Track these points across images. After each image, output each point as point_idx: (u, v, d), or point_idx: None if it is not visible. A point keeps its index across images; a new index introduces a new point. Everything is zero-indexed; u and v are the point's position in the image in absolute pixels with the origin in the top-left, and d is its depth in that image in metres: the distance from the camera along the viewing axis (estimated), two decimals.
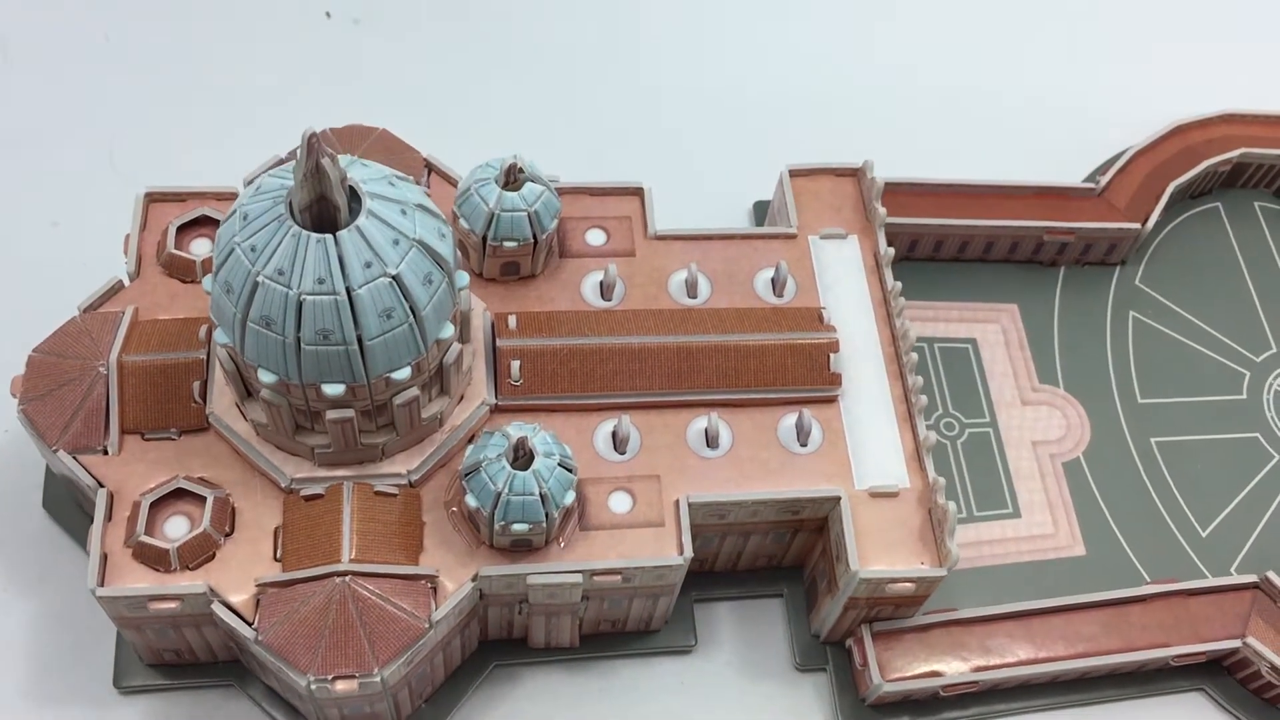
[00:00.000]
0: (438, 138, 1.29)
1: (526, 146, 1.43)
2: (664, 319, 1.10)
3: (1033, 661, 1.12)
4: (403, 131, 1.21)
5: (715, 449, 1.07)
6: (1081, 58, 1.64)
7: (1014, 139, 1.53)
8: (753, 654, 1.16)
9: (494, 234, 1.07)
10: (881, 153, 1.48)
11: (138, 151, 1.41)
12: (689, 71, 1.56)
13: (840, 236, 1.20)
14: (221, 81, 1.49)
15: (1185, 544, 1.25)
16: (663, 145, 1.48)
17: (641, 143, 1.48)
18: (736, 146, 1.49)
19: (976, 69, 1.61)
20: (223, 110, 1.46)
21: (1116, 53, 1.65)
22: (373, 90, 1.49)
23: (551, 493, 0.95)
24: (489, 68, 1.54)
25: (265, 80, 1.49)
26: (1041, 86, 1.60)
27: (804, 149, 1.47)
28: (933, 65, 1.61)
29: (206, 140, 1.42)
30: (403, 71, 1.52)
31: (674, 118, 1.51)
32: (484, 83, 1.52)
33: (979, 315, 1.36)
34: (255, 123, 1.44)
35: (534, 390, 1.05)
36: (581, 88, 1.53)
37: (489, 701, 1.11)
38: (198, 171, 1.37)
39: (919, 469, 1.08)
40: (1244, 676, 1.17)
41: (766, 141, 1.49)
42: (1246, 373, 1.36)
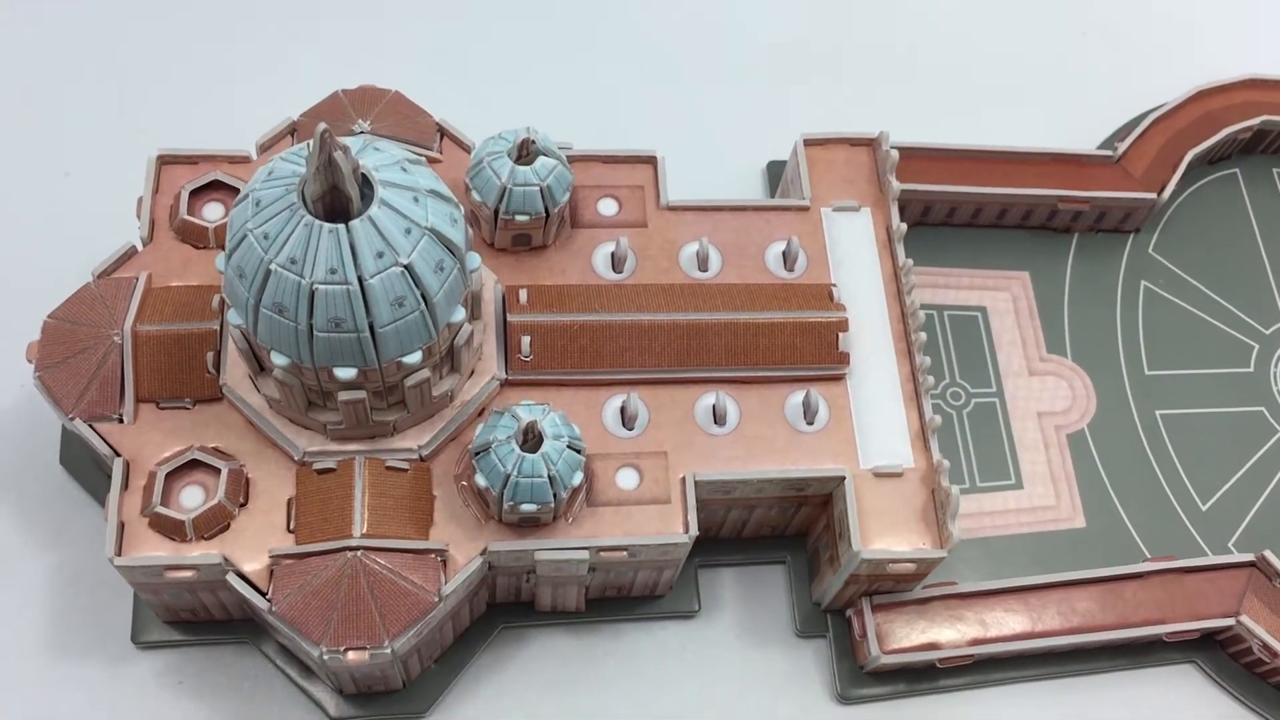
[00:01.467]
0: (450, 98, 1.29)
1: (538, 104, 1.44)
2: (673, 295, 1.10)
3: (1028, 636, 1.14)
4: (416, 91, 1.20)
5: (722, 426, 1.08)
6: (1104, 19, 1.61)
7: (1034, 103, 1.51)
8: (755, 620, 1.19)
9: (506, 208, 1.06)
10: (899, 115, 1.47)
11: (147, 98, 1.41)
12: (703, 28, 1.54)
13: (853, 209, 1.20)
14: (234, 29, 1.47)
15: (1185, 518, 1.26)
16: (677, 103, 1.46)
17: (655, 100, 1.46)
18: (751, 106, 1.47)
19: (997, 31, 1.58)
20: (234, 59, 1.44)
21: (1139, 14, 1.61)
22: (387, 47, 1.47)
23: (560, 474, 0.96)
24: (502, 25, 1.52)
25: (277, 31, 1.47)
26: (1063, 49, 1.57)
27: (819, 110, 1.47)
28: (952, 27, 1.58)
29: (217, 90, 1.42)
30: (417, 30, 1.50)
31: (689, 76, 1.49)
32: (498, 41, 1.50)
33: (990, 283, 1.36)
34: (267, 73, 1.43)
35: (543, 365, 1.06)
36: (595, 44, 1.51)
37: (496, 662, 1.14)
38: (207, 120, 1.38)
39: (924, 449, 1.09)
40: (1235, 651, 1.20)
41: (783, 101, 1.48)
42: (1255, 345, 1.36)
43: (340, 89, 1.17)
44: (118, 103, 1.40)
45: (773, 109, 1.47)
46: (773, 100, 1.48)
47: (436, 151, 1.15)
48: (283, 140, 1.15)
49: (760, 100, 1.48)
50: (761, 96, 1.48)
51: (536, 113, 1.40)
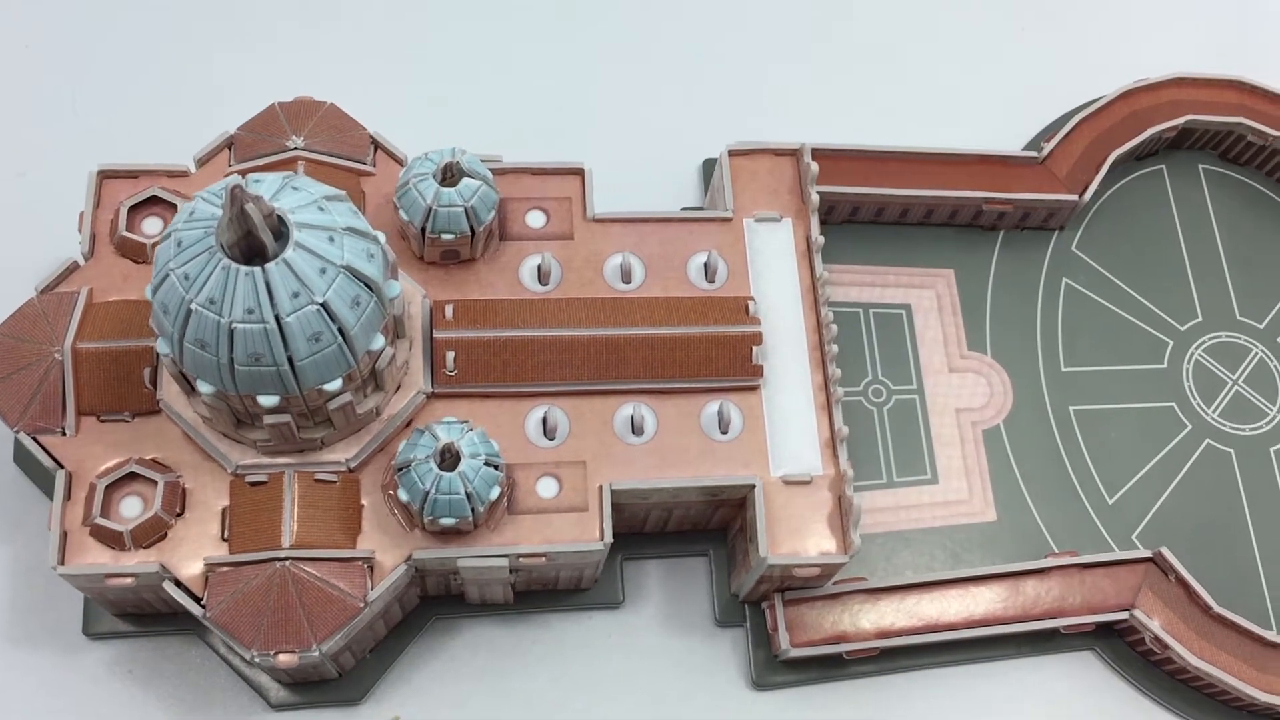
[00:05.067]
0: (392, 107, 1.33)
1: (477, 113, 1.48)
2: (595, 309, 1.15)
3: (932, 629, 1.21)
4: (358, 100, 1.24)
5: (640, 436, 1.13)
6: (1038, 18, 1.63)
7: (968, 101, 1.55)
8: (677, 609, 1.25)
9: (432, 227, 1.11)
10: (834, 115, 1.52)
11: (100, 97, 1.44)
12: (637, 29, 1.57)
13: (775, 220, 1.24)
14: (185, 29, 1.50)
15: (1091, 511, 1.32)
16: (615, 105, 1.50)
17: (590, 101, 1.50)
18: (687, 105, 1.51)
19: (934, 30, 1.61)
20: (183, 59, 1.47)
21: (1073, 13, 1.64)
22: (330, 58, 1.50)
23: (476, 491, 1.02)
24: (444, 34, 1.54)
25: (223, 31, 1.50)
26: (997, 48, 1.60)
27: (752, 112, 1.51)
28: (889, 27, 1.61)
29: (166, 93, 1.45)
30: (360, 41, 1.52)
31: (624, 77, 1.52)
32: (440, 50, 1.53)
33: (915, 280, 1.41)
34: (214, 76, 1.46)
35: (468, 379, 1.11)
36: (534, 51, 1.54)
37: (429, 651, 1.21)
38: (156, 124, 1.41)
39: (833, 457, 1.15)
40: (1132, 641, 1.26)
41: (718, 101, 1.51)
42: (1170, 342, 1.41)
43: (277, 101, 1.20)
44: (71, 104, 1.43)
45: (709, 108, 1.50)
46: (709, 99, 1.51)
47: (370, 164, 1.19)
48: (220, 154, 1.18)
49: (698, 100, 1.51)
50: (699, 98, 1.52)
51: (475, 122, 1.46)
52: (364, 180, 1.19)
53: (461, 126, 1.42)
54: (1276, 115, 1.47)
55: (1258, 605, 1.29)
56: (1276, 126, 1.46)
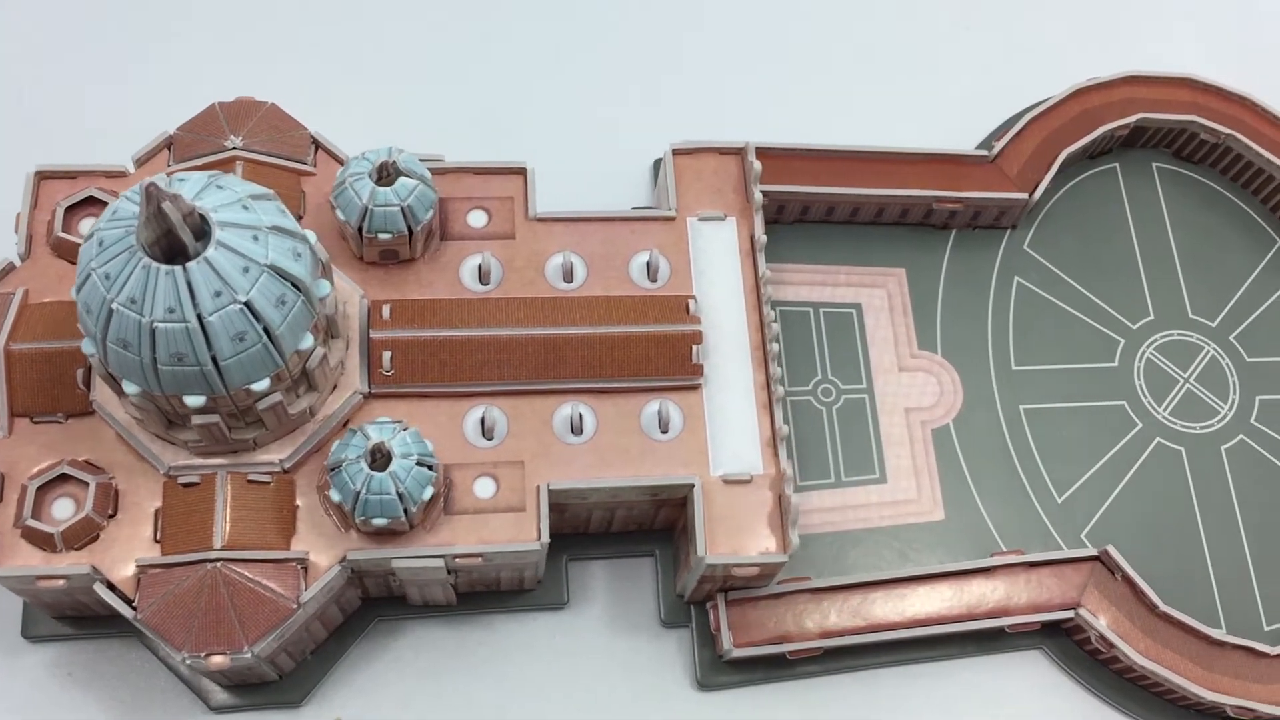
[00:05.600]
0: (337, 110, 1.33)
1: (423, 109, 1.47)
2: (534, 309, 1.14)
3: (877, 628, 1.21)
4: (302, 101, 1.24)
5: (579, 435, 1.13)
6: (989, 16, 1.63)
7: (922, 100, 1.54)
8: (622, 610, 1.25)
9: (368, 227, 1.10)
10: (786, 114, 1.52)
11: (40, 97, 1.43)
12: (590, 28, 1.56)
13: (719, 219, 1.24)
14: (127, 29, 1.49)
15: (1040, 510, 1.32)
16: (564, 105, 1.50)
17: (541, 102, 1.50)
18: (641, 105, 1.50)
19: (887, 29, 1.61)
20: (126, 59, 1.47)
21: (1024, 11, 1.64)
22: (274, 56, 1.50)
23: (408, 491, 1.01)
24: (396, 34, 1.54)
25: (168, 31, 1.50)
26: (949, 46, 1.60)
27: (706, 112, 1.51)
28: (842, 26, 1.61)
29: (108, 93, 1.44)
30: (304, 41, 1.52)
31: (576, 77, 1.52)
32: (392, 49, 1.53)
33: (866, 280, 1.41)
34: (159, 70, 1.46)
35: (405, 379, 1.11)
36: (480, 48, 1.54)
37: (371, 653, 1.20)
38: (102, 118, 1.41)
39: (774, 456, 1.15)
40: (1080, 639, 1.26)
41: (672, 101, 1.51)
42: (1121, 340, 1.41)
43: (217, 101, 1.20)
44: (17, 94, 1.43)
45: (662, 108, 1.50)
46: (662, 99, 1.51)
47: (310, 164, 1.19)
48: (160, 154, 1.18)
49: (650, 99, 1.51)
50: (651, 96, 1.51)
51: (425, 122, 1.46)
52: (305, 180, 1.18)
53: (410, 127, 1.41)
54: (1229, 113, 1.47)
55: (1207, 603, 1.29)
56: (1229, 124, 1.46)
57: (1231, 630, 1.27)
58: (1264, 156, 1.45)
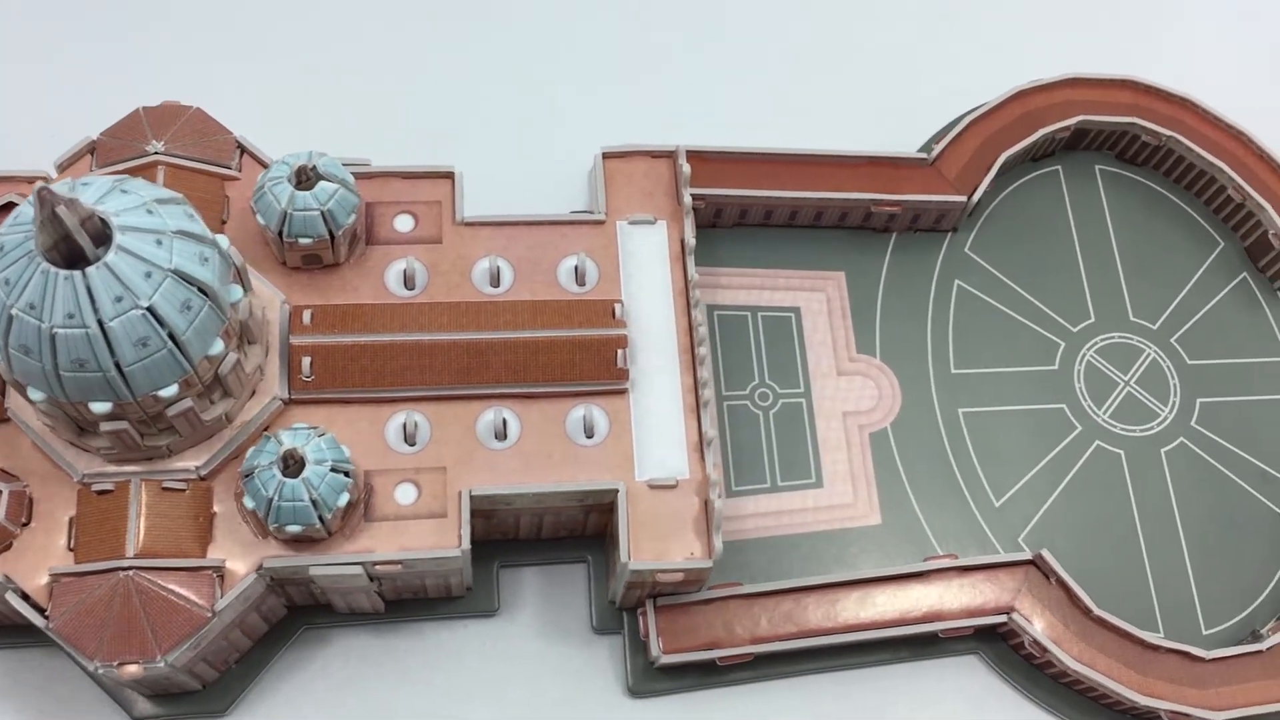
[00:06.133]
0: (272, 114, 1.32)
1: (361, 113, 1.47)
2: (458, 314, 1.13)
3: (809, 634, 1.20)
4: (236, 106, 1.23)
5: (503, 441, 1.12)
6: (935, 22, 1.63)
7: (863, 107, 1.54)
8: (554, 617, 1.24)
9: (288, 231, 1.09)
10: (728, 121, 1.51)
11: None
12: (533, 32, 1.56)
13: (649, 223, 1.23)
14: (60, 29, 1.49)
15: (978, 514, 1.31)
16: (504, 109, 1.49)
17: (481, 106, 1.49)
18: (582, 109, 1.50)
19: (829, 31, 1.61)
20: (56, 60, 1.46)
21: (970, 14, 1.63)
22: (210, 60, 1.49)
23: (322, 497, 1.00)
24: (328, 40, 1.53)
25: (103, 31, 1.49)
26: (894, 49, 1.60)
27: (649, 115, 1.50)
28: (782, 28, 1.60)
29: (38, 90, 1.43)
30: (237, 45, 1.51)
31: (518, 81, 1.52)
32: (323, 53, 1.52)
33: (806, 283, 1.40)
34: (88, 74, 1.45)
35: (326, 385, 1.10)
36: (419, 53, 1.53)
37: (298, 662, 1.19)
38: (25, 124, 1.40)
39: (701, 461, 1.14)
40: (1015, 644, 1.25)
41: (614, 104, 1.50)
42: (1061, 343, 1.40)
43: (142, 106, 1.19)
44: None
45: (604, 112, 1.49)
46: (604, 102, 1.50)
47: (235, 169, 1.18)
48: (83, 159, 1.17)
49: (592, 103, 1.50)
50: (593, 99, 1.51)
51: (362, 127, 1.45)
52: (229, 185, 1.17)
53: (346, 132, 1.40)
54: (1170, 114, 1.47)
55: (1145, 607, 1.28)
56: (1170, 126, 1.46)
57: (1170, 634, 1.27)
58: (1205, 158, 1.44)
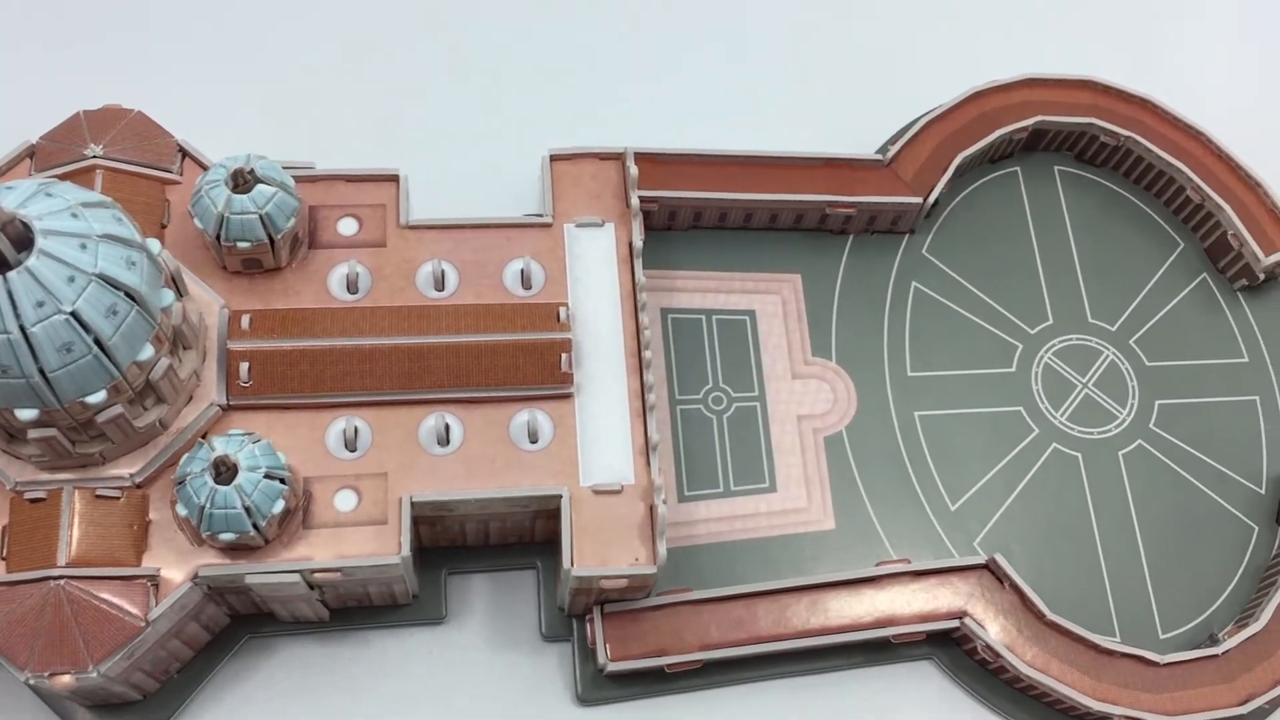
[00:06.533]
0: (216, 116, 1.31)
1: (310, 119, 1.46)
2: (399, 318, 1.12)
3: (759, 640, 1.18)
4: (180, 110, 1.22)
5: (446, 447, 1.11)
6: (894, 19, 1.62)
7: (820, 108, 1.53)
8: (503, 624, 1.23)
9: (225, 235, 1.08)
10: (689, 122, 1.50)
11: None
12: (487, 34, 1.55)
13: (597, 225, 1.22)
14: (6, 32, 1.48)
15: (933, 518, 1.30)
16: (459, 112, 1.48)
17: (436, 109, 1.48)
18: (539, 111, 1.49)
19: (790, 32, 1.60)
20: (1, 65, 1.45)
21: (929, 14, 1.63)
22: (158, 63, 1.48)
23: (256, 504, 0.99)
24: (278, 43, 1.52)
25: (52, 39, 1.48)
26: (853, 50, 1.59)
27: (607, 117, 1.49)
28: (737, 33, 1.59)
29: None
30: (183, 47, 1.50)
31: (473, 83, 1.50)
32: (272, 57, 1.51)
33: (761, 286, 1.39)
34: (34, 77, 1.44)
35: (264, 391, 1.08)
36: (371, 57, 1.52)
37: (241, 672, 1.17)
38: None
39: (647, 466, 1.12)
40: (969, 649, 1.24)
41: (572, 106, 1.49)
42: (1019, 345, 1.39)
43: (82, 110, 1.18)
44: None
45: (561, 114, 1.48)
46: (561, 105, 1.49)
47: (177, 173, 1.17)
48: (22, 163, 1.16)
49: (550, 105, 1.49)
50: (551, 101, 1.50)
51: (313, 130, 1.44)
52: (171, 189, 1.16)
53: (295, 135, 1.39)
54: (1129, 115, 1.46)
55: (1102, 611, 1.27)
56: (1129, 126, 1.45)
57: (1126, 639, 1.26)
58: (1164, 159, 1.44)
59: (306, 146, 1.25)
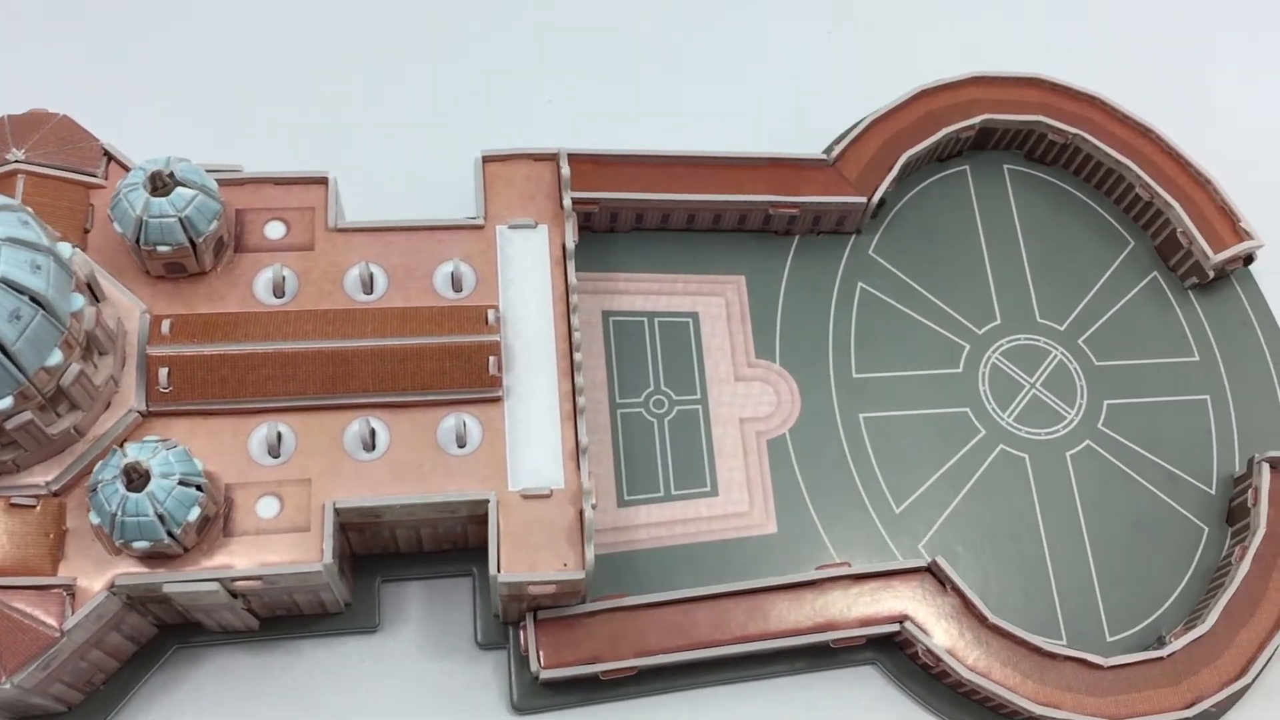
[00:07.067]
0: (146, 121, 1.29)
1: (241, 123, 1.44)
2: (323, 321, 1.11)
3: (696, 646, 1.17)
4: (110, 115, 1.21)
5: (372, 452, 1.09)
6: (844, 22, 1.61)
7: (768, 110, 1.52)
8: (438, 632, 1.21)
9: (145, 239, 1.07)
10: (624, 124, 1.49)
11: None
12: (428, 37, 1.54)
13: (530, 227, 1.20)
14: None
15: (878, 521, 1.28)
16: (400, 115, 1.47)
17: (376, 111, 1.47)
18: (480, 114, 1.47)
19: (741, 31, 1.59)
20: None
21: (881, 14, 1.61)
22: (80, 68, 1.47)
23: (169, 512, 0.97)
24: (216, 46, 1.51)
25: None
26: (806, 49, 1.58)
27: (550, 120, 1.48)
28: (693, 30, 1.58)
29: None
30: (116, 51, 1.49)
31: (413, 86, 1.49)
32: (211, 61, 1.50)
33: (705, 288, 1.37)
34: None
35: (185, 396, 1.07)
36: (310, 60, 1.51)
37: (169, 684, 1.16)
38: None
39: (577, 469, 1.11)
40: (911, 653, 1.22)
41: (513, 109, 1.48)
42: (966, 345, 1.38)
43: (6, 114, 1.16)
44: None
45: (502, 116, 1.47)
46: (503, 107, 1.48)
47: (101, 177, 1.15)
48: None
49: (490, 108, 1.48)
50: (491, 104, 1.48)
51: (256, 134, 1.43)
52: (95, 193, 1.14)
53: (230, 138, 1.38)
54: (1077, 112, 1.45)
55: (1048, 614, 1.26)
56: (1077, 124, 1.44)
57: (1073, 642, 1.24)
58: (1112, 156, 1.42)
59: (240, 151, 1.23)
